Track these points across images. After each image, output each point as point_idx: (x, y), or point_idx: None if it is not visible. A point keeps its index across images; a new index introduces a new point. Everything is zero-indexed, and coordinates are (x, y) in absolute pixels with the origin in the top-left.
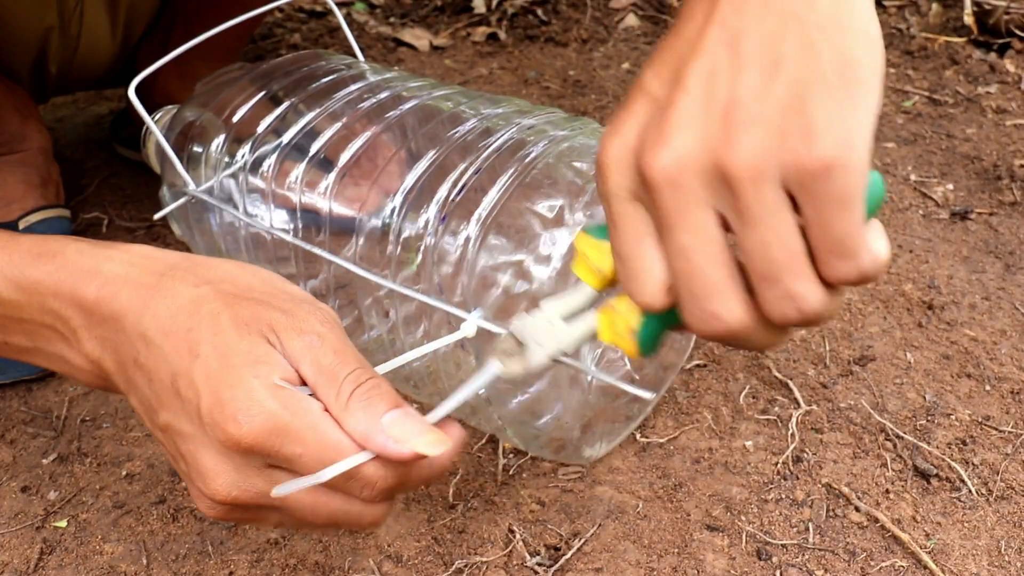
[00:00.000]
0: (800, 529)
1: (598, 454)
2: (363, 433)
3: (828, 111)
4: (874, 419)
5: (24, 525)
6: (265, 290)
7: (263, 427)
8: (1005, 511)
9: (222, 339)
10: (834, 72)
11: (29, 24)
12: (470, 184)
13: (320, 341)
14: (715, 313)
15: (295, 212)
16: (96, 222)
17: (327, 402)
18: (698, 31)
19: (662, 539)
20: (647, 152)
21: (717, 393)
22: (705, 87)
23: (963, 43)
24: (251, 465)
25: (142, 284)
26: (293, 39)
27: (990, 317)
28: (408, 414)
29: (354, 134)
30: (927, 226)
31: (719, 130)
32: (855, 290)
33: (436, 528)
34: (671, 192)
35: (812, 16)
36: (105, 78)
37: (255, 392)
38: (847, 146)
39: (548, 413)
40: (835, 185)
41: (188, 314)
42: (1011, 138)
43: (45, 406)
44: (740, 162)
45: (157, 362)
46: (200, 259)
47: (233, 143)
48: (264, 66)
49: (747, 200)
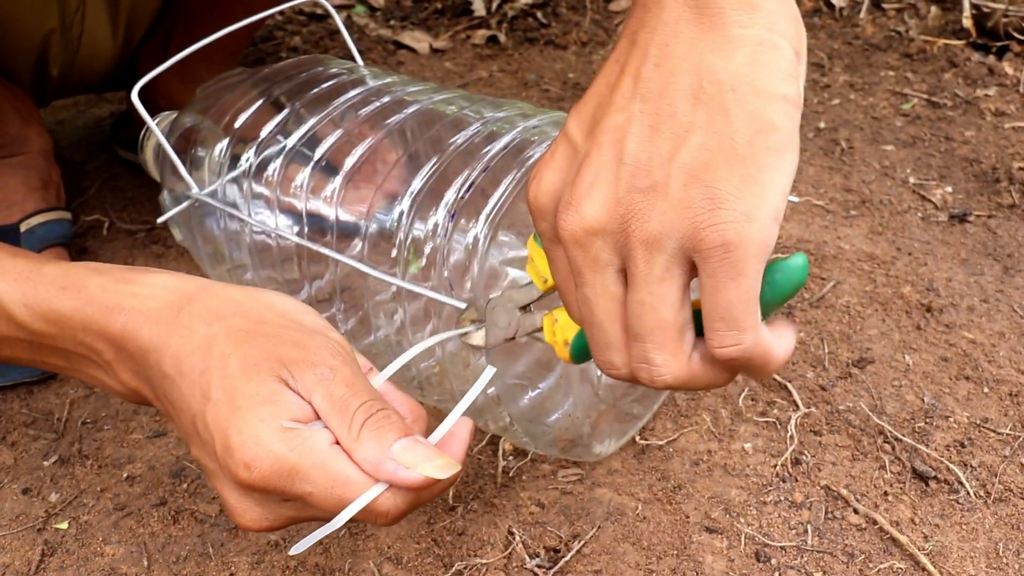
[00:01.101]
0: (799, 531)
1: (608, 451)
2: (374, 462)
3: (732, 183)
4: (873, 421)
5: (25, 527)
6: (278, 323)
7: (271, 471)
8: (1003, 513)
9: (231, 383)
10: (745, 140)
11: (31, 26)
12: (478, 183)
13: (332, 373)
14: (608, 361)
15: (299, 216)
16: (97, 224)
17: (339, 434)
18: (616, 79)
19: (661, 541)
20: (560, 211)
21: (716, 395)
22: (616, 144)
23: (962, 46)
24: (271, 500)
25: (162, 320)
26: (293, 42)
27: (988, 319)
28: (417, 441)
29: (358, 138)
30: (926, 228)
31: (624, 196)
32: (854, 292)
33: (436, 530)
34: (577, 252)
35: (727, 76)
36: (106, 81)
37: (261, 437)
38: (746, 220)
39: (558, 410)
40: (729, 258)
41: (201, 355)
42: (1009, 141)
43: (46, 408)
44: (639, 230)
45: (179, 401)
46: (217, 289)
47: (235, 148)
48: (265, 71)
49: (637, 265)
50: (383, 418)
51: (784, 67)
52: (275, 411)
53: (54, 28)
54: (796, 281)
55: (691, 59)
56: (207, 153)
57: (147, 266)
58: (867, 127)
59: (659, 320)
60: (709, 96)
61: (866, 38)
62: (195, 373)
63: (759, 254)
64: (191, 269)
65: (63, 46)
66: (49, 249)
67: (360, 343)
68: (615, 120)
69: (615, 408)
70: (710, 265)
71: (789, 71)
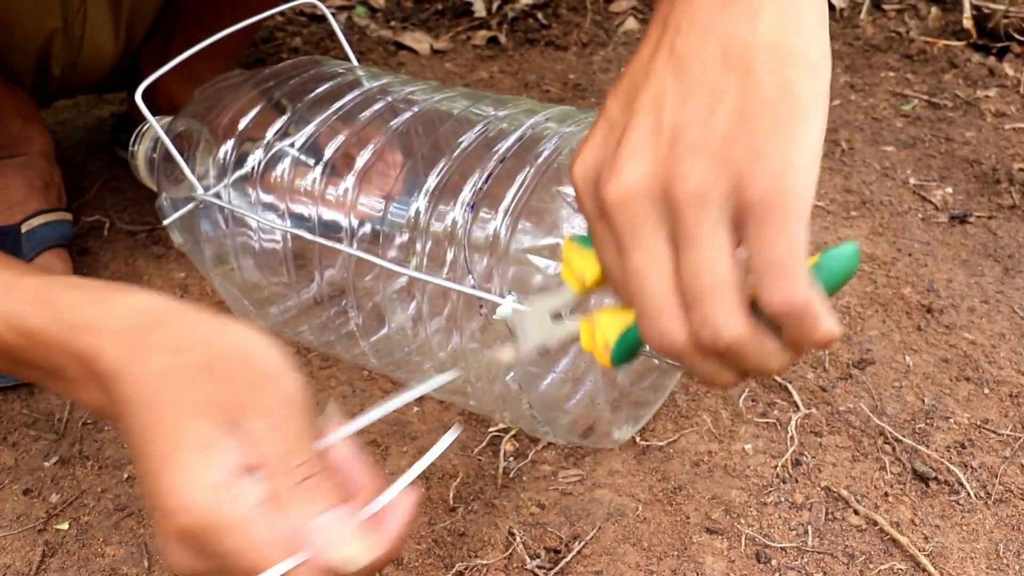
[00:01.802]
0: (799, 532)
1: (625, 437)
2: (295, 532)
3: (768, 137)
4: (873, 422)
5: (26, 528)
6: (239, 363)
7: (192, 523)
8: (1003, 514)
9: (176, 422)
10: (774, 98)
11: (33, 27)
12: (495, 174)
13: (281, 424)
14: (662, 332)
15: (305, 217)
16: (98, 225)
17: (275, 488)
18: (650, 56)
19: (662, 542)
20: (602, 181)
21: (716, 396)
22: (653, 113)
23: (962, 47)
24: (194, 550)
25: (126, 343)
26: (294, 43)
27: (989, 320)
28: (345, 516)
29: (364, 139)
30: (926, 229)
31: (666, 158)
32: (854, 293)
33: (437, 531)
34: (623, 219)
35: (753, 40)
36: (107, 82)
37: (189, 487)
38: (785, 169)
39: (577, 393)
40: (775, 206)
41: (156, 386)
42: (1010, 142)
43: (47, 409)
44: (684, 189)
45: (132, 430)
46: (186, 316)
47: (237, 151)
48: (263, 73)
49: (686, 225)
50: (320, 481)
51: (807, 29)
52: (210, 460)
53: (56, 28)
54: (849, 268)
55: (717, 29)
56: (208, 155)
57: (147, 267)
58: (868, 128)
59: (717, 276)
60: (737, 61)
61: (866, 39)
62: (148, 405)
63: (803, 202)
64: (192, 269)
65: (65, 46)
66: (50, 250)
67: (374, 337)
68: (651, 92)
69: (630, 395)
70: (756, 215)
71: (812, 33)
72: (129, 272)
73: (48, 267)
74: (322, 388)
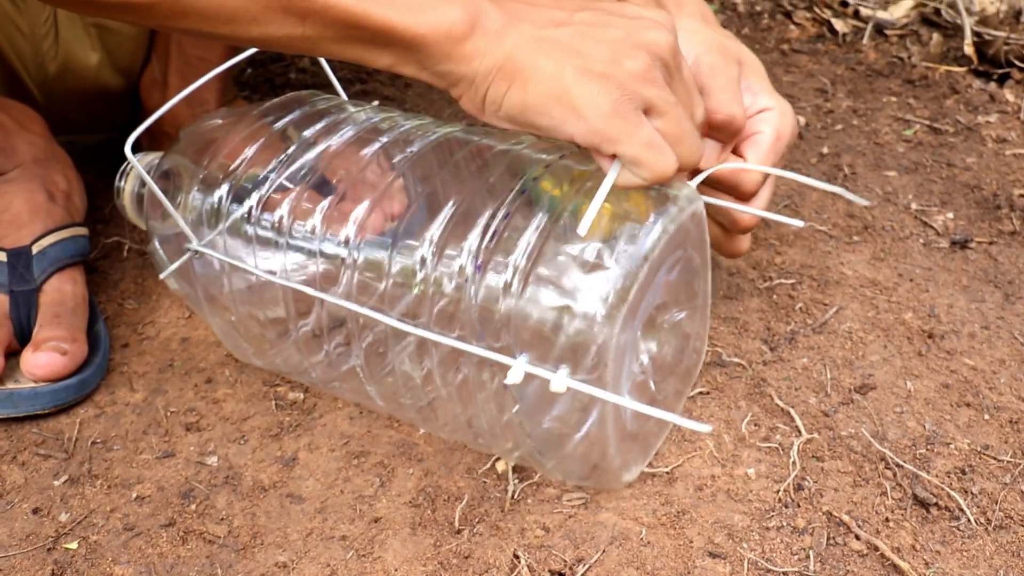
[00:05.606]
0: (801, 556)
1: (634, 477)
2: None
3: None
4: (874, 447)
5: (35, 547)
6: None
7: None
8: (1003, 540)
9: None
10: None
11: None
12: (500, 229)
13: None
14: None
15: (306, 264)
16: (117, 246)
17: None
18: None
19: (665, 565)
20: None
21: (719, 420)
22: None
23: (963, 73)
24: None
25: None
26: (303, 63)
27: (989, 346)
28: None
29: (364, 177)
30: (927, 255)
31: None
32: (856, 318)
33: (442, 553)
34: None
35: None
36: (115, 116)
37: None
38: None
39: (581, 429)
40: None
41: None
42: (1011, 167)
43: (56, 428)
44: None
45: None
46: None
47: (231, 193)
48: (252, 111)
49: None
50: None
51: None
52: None
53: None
54: None
55: None
56: (199, 198)
57: (156, 286)
58: (869, 153)
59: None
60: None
61: (869, 64)
62: None
63: None
64: None
65: (38, 64)
66: (62, 271)
67: (379, 374)
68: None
69: (642, 429)
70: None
71: None
72: (138, 291)
73: (60, 291)
74: (328, 410)
